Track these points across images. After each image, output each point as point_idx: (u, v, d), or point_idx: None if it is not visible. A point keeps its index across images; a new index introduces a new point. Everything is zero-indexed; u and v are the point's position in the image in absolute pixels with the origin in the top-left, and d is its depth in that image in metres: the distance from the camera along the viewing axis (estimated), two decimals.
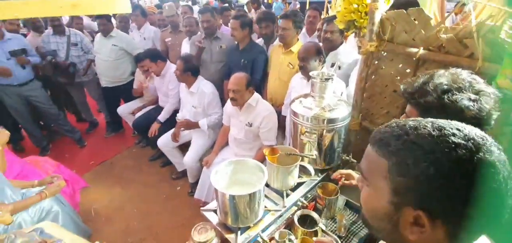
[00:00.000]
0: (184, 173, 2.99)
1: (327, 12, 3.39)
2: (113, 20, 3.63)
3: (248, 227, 1.30)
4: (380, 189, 0.53)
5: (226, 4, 4.28)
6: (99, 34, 3.35)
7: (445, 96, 0.79)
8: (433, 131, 0.48)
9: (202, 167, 2.52)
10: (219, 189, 1.19)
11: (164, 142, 2.83)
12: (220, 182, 1.29)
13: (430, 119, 0.52)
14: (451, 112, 0.76)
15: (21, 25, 3.95)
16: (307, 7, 3.66)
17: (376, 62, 1.59)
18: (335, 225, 1.45)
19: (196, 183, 2.66)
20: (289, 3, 7.34)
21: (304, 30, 2.81)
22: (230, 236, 1.26)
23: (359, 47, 1.73)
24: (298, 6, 5.55)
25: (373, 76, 1.64)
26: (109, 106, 3.74)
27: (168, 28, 3.56)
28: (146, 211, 2.69)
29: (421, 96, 0.85)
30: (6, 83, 3.05)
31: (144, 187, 2.99)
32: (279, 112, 2.26)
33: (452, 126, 0.49)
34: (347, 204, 1.53)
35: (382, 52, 1.54)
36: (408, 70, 1.50)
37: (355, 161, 1.59)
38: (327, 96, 1.49)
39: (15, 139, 3.54)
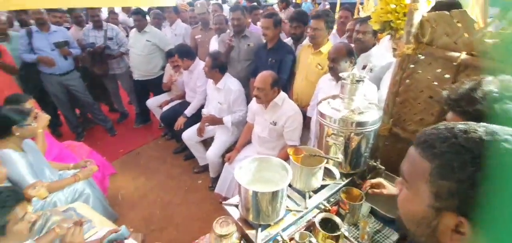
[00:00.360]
0: (205, 168, 3.05)
1: (358, 13, 3.29)
2: (147, 16, 3.79)
3: (269, 225, 1.29)
4: (420, 192, 0.51)
5: (255, 3, 4.30)
6: (134, 30, 3.52)
7: (496, 105, 0.73)
8: (485, 135, 0.46)
9: (224, 163, 2.55)
10: (242, 184, 1.19)
11: (189, 135, 2.91)
12: (244, 178, 1.29)
13: (482, 123, 0.49)
14: (502, 123, 0.70)
15: (67, 17, 4.25)
16: (337, 8, 3.57)
17: (412, 66, 1.51)
18: (357, 232, 1.39)
19: (217, 178, 2.71)
20: (319, 4, 7.22)
21: (334, 30, 2.74)
22: (250, 232, 1.25)
23: (394, 50, 1.65)
24: (328, 6, 5.44)
25: (407, 81, 1.55)
26: (139, 98, 3.92)
27: (198, 26, 3.65)
28: (168, 201, 2.78)
29: (469, 104, 0.79)
30: (50, 72, 3.30)
31: (167, 178, 3.09)
32: (304, 113, 2.23)
33: (505, 131, 0.46)
34: (372, 212, 1.47)
35: (419, 55, 1.46)
36: (447, 76, 1.41)
37: (382, 167, 1.52)
38: (357, 99, 1.43)
39: (54, 124, 3.81)
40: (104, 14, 4.41)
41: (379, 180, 1.40)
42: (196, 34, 3.63)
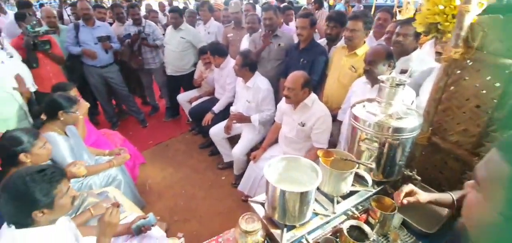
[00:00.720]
0: (229, 165, 3.09)
1: (395, 16, 3.14)
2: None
3: (294, 227, 1.26)
4: (493, 197, 0.47)
5: (287, 3, 4.28)
6: (170, 27, 3.68)
7: None
8: None
9: (249, 161, 2.56)
10: (271, 182, 1.18)
11: (216, 131, 2.96)
12: (271, 176, 1.27)
13: None
14: None
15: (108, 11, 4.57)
16: (373, 10, 3.44)
17: (458, 72, 1.40)
18: None
19: (240, 175, 2.72)
20: (353, 6, 7.01)
21: (371, 33, 2.62)
22: (275, 232, 1.24)
23: (438, 54, 1.55)
24: (362, 8, 5.27)
25: (452, 87, 1.44)
26: (170, 93, 4.08)
27: (231, 24, 3.72)
28: (192, 194, 2.85)
29: None
30: (92, 64, 3.56)
31: (192, 172, 3.17)
32: (334, 116, 2.16)
33: None
34: (404, 224, 1.38)
35: (468, 61, 1.35)
36: (497, 84, 1.29)
37: (419, 177, 1.43)
38: (396, 103, 1.36)
39: (92, 113, 4.09)
40: (142, 12, 4.65)
41: (410, 186, 1.29)
42: (228, 32, 3.70)
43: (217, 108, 3.12)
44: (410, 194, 1.23)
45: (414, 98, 1.76)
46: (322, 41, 2.74)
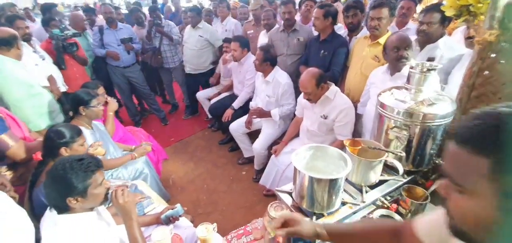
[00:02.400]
0: (250, 160, 3.11)
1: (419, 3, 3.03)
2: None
3: (322, 215, 1.26)
4: (482, 194, 0.45)
5: None
6: (188, 26, 3.75)
7: None
8: None
9: (270, 155, 2.56)
10: (300, 169, 1.18)
11: (236, 127, 2.99)
12: (299, 164, 1.28)
13: None
14: None
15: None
16: None
17: (493, 55, 1.33)
18: None
19: (261, 170, 2.73)
20: None
21: (393, 22, 2.54)
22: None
23: (469, 39, 1.48)
24: None
25: (486, 72, 1.38)
26: (189, 91, 4.17)
27: (251, 21, 3.73)
28: (214, 188, 2.90)
29: None
30: (115, 64, 3.71)
31: (213, 167, 3.22)
32: (356, 108, 2.13)
33: None
34: None
35: (503, 43, 1.28)
36: None
37: None
38: (426, 90, 1.32)
39: (116, 111, 4.24)
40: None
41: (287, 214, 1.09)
42: (248, 29, 3.72)
43: (236, 104, 3.15)
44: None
45: (437, 84, 1.69)
46: (344, 33, 2.68)
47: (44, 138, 1.59)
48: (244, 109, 3.07)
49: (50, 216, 1.18)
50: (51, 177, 1.16)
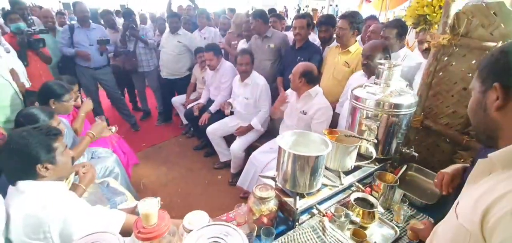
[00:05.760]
0: (226, 164, 3.10)
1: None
2: None
3: (304, 196, 1.31)
4: (475, 88, 0.73)
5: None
6: (167, 31, 3.75)
7: None
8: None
9: (247, 158, 2.59)
10: (284, 148, 1.24)
11: (213, 130, 2.99)
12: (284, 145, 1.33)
13: None
14: None
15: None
16: None
17: (446, 58, 1.56)
18: (391, 216, 1.40)
19: (237, 174, 2.74)
20: None
21: (358, 38, 2.84)
22: (288, 199, 1.29)
23: (426, 50, 1.71)
24: None
25: (440, 73, 1.60)
26: (164, 97, 4.08)
27: (234, 32, 3.84)
28: (188, 192, 2.82)
29: None
30: (85, 65, 3.54)
31: (187, 171, 3.15)
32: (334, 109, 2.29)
33: None
34: (404, 199, 1.47)
35: (454, 47, 1.52)
36: None
37: (416, 154, 1.54)
38: (393, 84, 1.49)
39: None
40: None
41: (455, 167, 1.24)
42: (232, 39, 3.82)
43: (213, 108, 3.17)
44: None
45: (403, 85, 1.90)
46: (317, 43, 2.94)
47: (15, 122, 1.47)
48: (221, 113, 3.09)
49: (14, 189, 1.08)
50: (11, 150, 1.09)
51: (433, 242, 0.81)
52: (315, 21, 3.73)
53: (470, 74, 1.48)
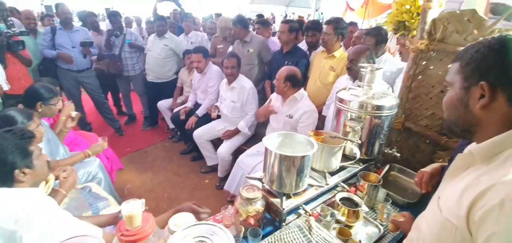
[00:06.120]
0: (213, 168, 3.08)
1: None
2: None
3: (291, 197, 1.33)
4: (455, 83, 0.71)
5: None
6: (153, 34, 3.71)
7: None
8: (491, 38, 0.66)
9: (235, 161, 2.59)
10: (270, 149, 1.25)
11: (199, 134, 2.97)
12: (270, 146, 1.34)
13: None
14: None
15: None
16: None
17: (424, 62, 1.64)
18: (375, 215, 1.44)
19: (225, 178, 2.73)
20: None
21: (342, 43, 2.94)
22: (275, 200, 1.29)
23: (400, 53, 1.78)
24: None
25: (419, 77, 1.68)
26: (150, 101, 4.02)
27: (219, 36, 3.85)
28: (175, 196, 2.78)
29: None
30: (67, 68, 3.43)
31: (174, 176, 3.10)
32: (319, 113, 2.33)
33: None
34: (388, 198, 1.52)
35: (431, 52, 1.59)
36: None
37: (398, 154, 1.60)
38: (375, 86, 1.54)
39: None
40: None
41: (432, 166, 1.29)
42: (218, 43, 3.83)
43: (200, 112, 3.15)
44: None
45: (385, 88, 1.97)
46: (305, 49, 3.02)
47: None
48: (208, 116, 3.08)
49: None
50: None
51: (419, 239, 0.82)
52: None
53: None
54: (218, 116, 3.04)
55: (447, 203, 0.70)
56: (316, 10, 12.01)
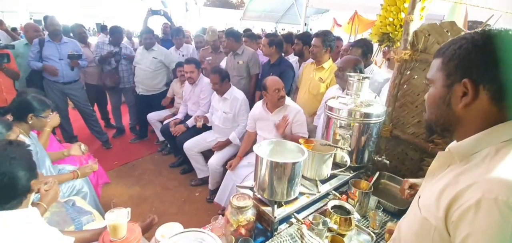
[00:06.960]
0: (203, 181, 3.03)
1: None
2: None
3: (283, 205, 1.31)
4: (437, 81, 0.69)
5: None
6: (141, 47, 3.71)
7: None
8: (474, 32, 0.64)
9: (225, 172, 2.56)
10: (261, 156, 1.25)
11: (190, 145, 2.93)
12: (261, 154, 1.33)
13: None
14: None
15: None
16: None
17: (408, 72, 1.70)
18: (367, 222, 1.44)
19: (215, 190, 2.68)
20: None
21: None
22: (267, 208, 1.28)
23: (388, 60, 1.84)
24: None
25: (405, 86, 1.73)
26: (140, 113, 3.97)
27: (208, 48, 3.89)
28: (163, 211, 2.70)
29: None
30: (54, 80, 3.36)
31: (163, 189, 3.02)
32: (309, 123, 2.36)
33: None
34: (379, 206, 1.52)
35: (415, 62, 1.65)
36: None
37: (387, 161, 1.62)
38: (363, 95, 1.58)
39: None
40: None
41: (415, 181, 1.30)
42: (206, 55, 3.86)
43: (190, 122, 3.13)
44: (414, 186, 1.27)
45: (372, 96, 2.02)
46: (295, 60, 3.17)
47: None
48: (197, 128, 3.05)
49: None
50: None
51: (400, 239, 0.81)
52: None
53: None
54: (209, 128, 3.02)
55: (426, 202, 0.69)
56: (305, 25, 12.35)
